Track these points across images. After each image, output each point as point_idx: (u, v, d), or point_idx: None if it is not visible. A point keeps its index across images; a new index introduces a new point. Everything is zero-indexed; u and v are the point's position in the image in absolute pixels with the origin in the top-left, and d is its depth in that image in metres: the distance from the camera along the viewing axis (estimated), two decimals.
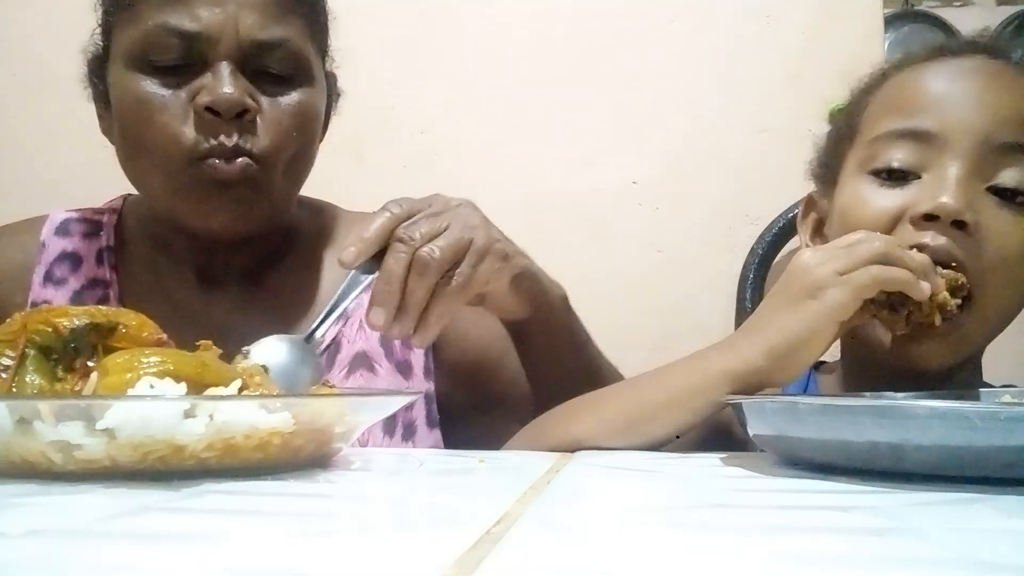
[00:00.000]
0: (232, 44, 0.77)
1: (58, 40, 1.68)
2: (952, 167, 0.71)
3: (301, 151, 0.81)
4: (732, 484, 0.50)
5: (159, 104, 0.77)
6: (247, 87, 0.77)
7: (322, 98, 0.84)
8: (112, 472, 0.46)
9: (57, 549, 0.32)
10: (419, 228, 0.66)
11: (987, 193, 0.71)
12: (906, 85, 0.78)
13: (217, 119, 0.76)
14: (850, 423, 0.47)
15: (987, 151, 0.71)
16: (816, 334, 0.65)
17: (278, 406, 0.48)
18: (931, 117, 0.73)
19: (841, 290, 0.64)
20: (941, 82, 0.76)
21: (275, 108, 0.79)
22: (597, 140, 1.59)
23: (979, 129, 0.71)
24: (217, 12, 0.77)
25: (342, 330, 0.85)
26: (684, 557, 0.31)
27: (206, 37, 0.77)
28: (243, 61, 0.78)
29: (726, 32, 1.59)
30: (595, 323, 1.60)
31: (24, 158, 1.68)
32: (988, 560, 0.30)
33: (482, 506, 0.40)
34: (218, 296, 0.86)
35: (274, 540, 0.33)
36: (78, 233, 0.88)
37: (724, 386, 0.66)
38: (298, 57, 0.80)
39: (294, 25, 0.81)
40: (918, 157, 0.73)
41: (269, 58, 0.79)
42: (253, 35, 0.78)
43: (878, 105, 0.79)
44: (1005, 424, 0.43)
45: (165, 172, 0.78)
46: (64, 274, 0.86)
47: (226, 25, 0.77)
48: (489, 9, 1.62)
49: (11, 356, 0.53)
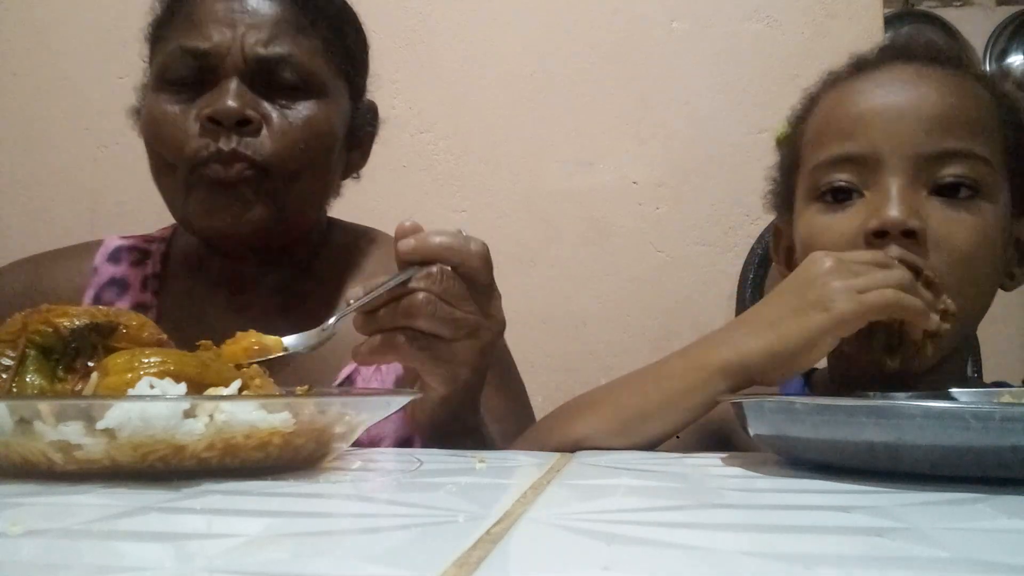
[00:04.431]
0: (239, 60, 0.83)
1: (58, 40, 1.69)
2: (890, 181, 0.72)
3: (312, 163, 0.85)
4: (732, 484, 0.50)
5: (171, 119, 0.83)
6: (252, 100, 0.83)
7: (338, 115, 0.88)
8: (112, 472, 0.46)
9: (57, 549, 0.32)
10: (454, 288, 0.64)
11: (930, 197, 0.73)
12: (834, 109, 0.79)
13: (219, 128, 0.81)
14: (847, 423, 0.47)
15: (921, 161, 0.72)
16: (818, 344, 0.66)
17: (278, 406, 0.48)
18: (861, 140, 0.74)
19: (852, 307, 0.64)
20: (865, 100, 0.76)
21: (283, 119, 0.83)
22: (597, 140, 1.59)
23: (909, 144, 0.73)
24: (227, 32, 0.83)
25: (358, 368, 0.87)
26: (684, 557, 0.31)
27: (215, 54, 0.83)
28: (251, 76, 0.83)
29: (726, 32, 1.59)
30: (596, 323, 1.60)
31: (24, 158, 1.68)
32: (988, 560, 0.30)
33: (482, 506, 0.40)
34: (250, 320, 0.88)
35: (274, 540, 0.33)
36: (127, 261, 0.94)
37: (720, 382, 0.66)
38: (306, 72, 0.85)
39: (303, 44, 0.86)
40: (858, 177, 0.74)
41: (275, 73, 0.84)
42: (257, 51, 0.83)
43: (813, 132, 0.80)
44: (1000, 424, 0.43)
45: (174, 179, 0.83)
46: (111, 298, 0.92)
47: (234, 43, 0.83)
48: (489, 9, 1.62)
49: (11, 356, 0.53)
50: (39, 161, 1.67)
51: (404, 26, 1.60)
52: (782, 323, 0.66)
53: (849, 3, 1.57)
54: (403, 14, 1.60)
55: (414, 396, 0.61)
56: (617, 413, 0.69)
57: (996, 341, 0.80)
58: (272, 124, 0.83)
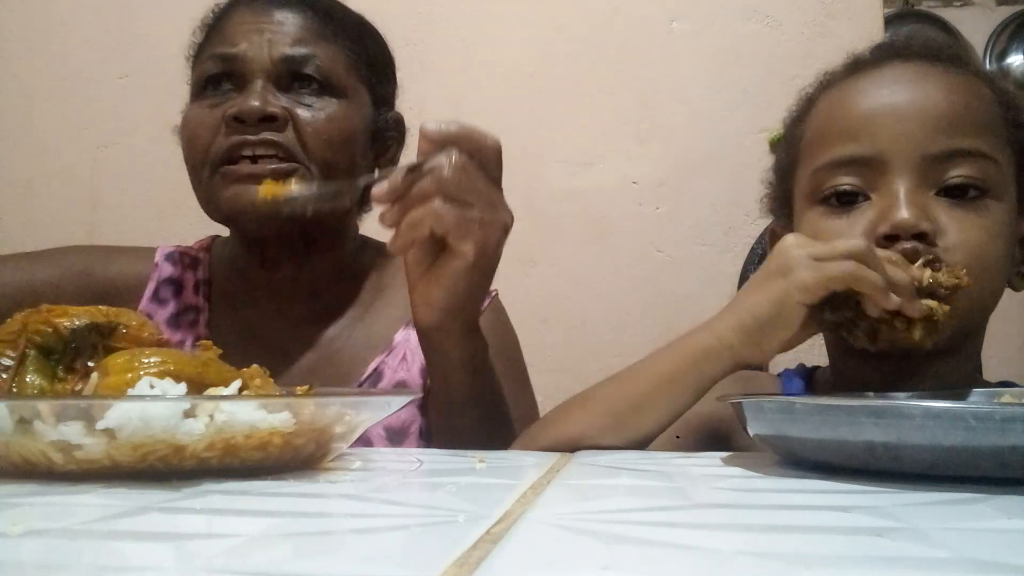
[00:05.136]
0: (265, 61, 0.87)
1: (58, 40, 1.69)
2: (898, 183, 0.71)
3: (337, 158, 0.88)
4: (732, 484, 0.49)
5: (200, 122, 0.87)
6: (277, 98, 0.86)
7: (359, 116, 0.92)
8: (112, 472, 0.46)
9: (57, 549, 0.32)
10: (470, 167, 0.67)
11: (937, 197, 0.72)
12: (834, 110, 0.78)
13: (244, 127, 0.84)
14: (847, 423, 0.47)
15: (928, 162, 0.72)
16: (781, 312, 0.66)
17: (278, 406, 0.48)
18: (866, 142, 0.73)
19: (810, 273, 0.65)
20: (867, 101, 0.76)
21: (308, 112, 0.87)
22: (597, 140, 1.59)
23: (915, 144, 0.72)
24: (253, 38, 0.88)
25: (385, 360, 0.91)
26: (683, 557, 0.31)
27: (243, 58, 0.87)
28: (277, 77, 0.87)
29: (726, 32, 1.59)
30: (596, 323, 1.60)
31: (24, 158, 1.68)
32: (988, 560, 0.30)
33: (482, 506, 0.40)
34: (292, 325, 0.94)
35: (274, 540, 0.33)
36: (182, 264, 0.98)
37: (705, 366, 0.67)
38: (328, 72, 0.89)
39: (326, 48, 0.90)
40: (863, 180, 0.74)
41: (300, 70, 0.88)
42: (283, 51, 0.88)
43: (813, 133, 0.79)
44: (1000, 424, 0.43)
45: (204, 178, 0.87)
46: (167, 296, 0.96)
47: (260, 47, 0.88)
48: (489, 9, 1.62)
49: (11, 356, 0.53)
50: (39, 161, 1.67)
51: (404, 26, 1.60)
52: (748, 296, 0.68)
53: (849, 3, 1.57)
54: (403, 14, 1.60)
55: (414, 396, 0.61)
56: (608, 408, 0.70)
57: (996, 341, 0.80)
58: (298, 119, 0.86)
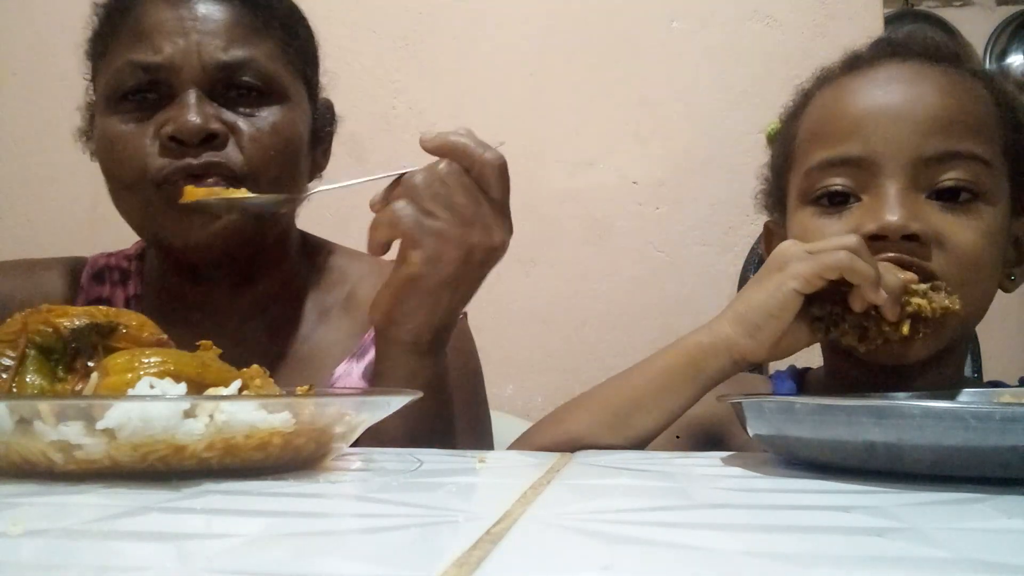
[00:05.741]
0: (196, 70, 0.78)
1: (58, 40, 1.69)
2: (889, 185, 0.71)
3: (284, 170, 0.81)
4: (732, 484, 0.49)
5: (128, 138, 0.78)
6: (215, 112, 0.78)
7: (302, 118, 0.85)
8: (112, 472, 0.46)
9: (57, 549, 0.32)
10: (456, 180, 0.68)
11: (929, 200, 0.72)
12: (828, 109, 0.78)
13: (183, 147, 0.77)
14: (847, 423, 0.47)
15: (920, 164, 0.72)
16: (778, 301, 0.67)
17: (278, 406, 0.48)
18: (858, 143, 0.73)
19: (804, 263, 0.66)
20: (861, 101, 0.75)
21: (251, 125, 0.79)
22: (597, 140, 1.59)
23: (907, 147, 0.72)
24: (179, 42, 0.78)
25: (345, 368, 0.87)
26: (683, 557, 0.31)
27: (169, 67, 0.78)
28: (211, 86, 0.79)
29: (726, 32, 1.59)
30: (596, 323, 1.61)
31: (24, 158, 1.68)
32: (988, 560, 0.30)
33: (482, 506, 0.40)
34: (232, 344, 0.89)
35: (274, 540, 0.33)
36: (110, 281, 0.92)
37: (703, 362, 0.68)
38: (268, 75, 0.81)
39: (261, 46, 0.81)
40: (854, 181, 0.74)
41: (236, 78, 0.79)
42: (217, 57, 0.79)
43: (806, 132, 0.79)
44: (1000, 424, 0.43)
45: (138, 200, 0.79)
46: None
47: (188, 53, 0.78)
48: (489, 9, 1.62)
49: (11, 356, 0.53)
50: (39, 161, 1.67)
51: (404, 26, 1.60)
52: (747, 292, 0.70)
53: (849, 3, 1.57)
54: (403, 14, 1.60)
55: (415, 396, 0.61)
56: (608, 407, 0.70)
57: (996, 341, 0.80)
58: (239, 133, 0.79)
